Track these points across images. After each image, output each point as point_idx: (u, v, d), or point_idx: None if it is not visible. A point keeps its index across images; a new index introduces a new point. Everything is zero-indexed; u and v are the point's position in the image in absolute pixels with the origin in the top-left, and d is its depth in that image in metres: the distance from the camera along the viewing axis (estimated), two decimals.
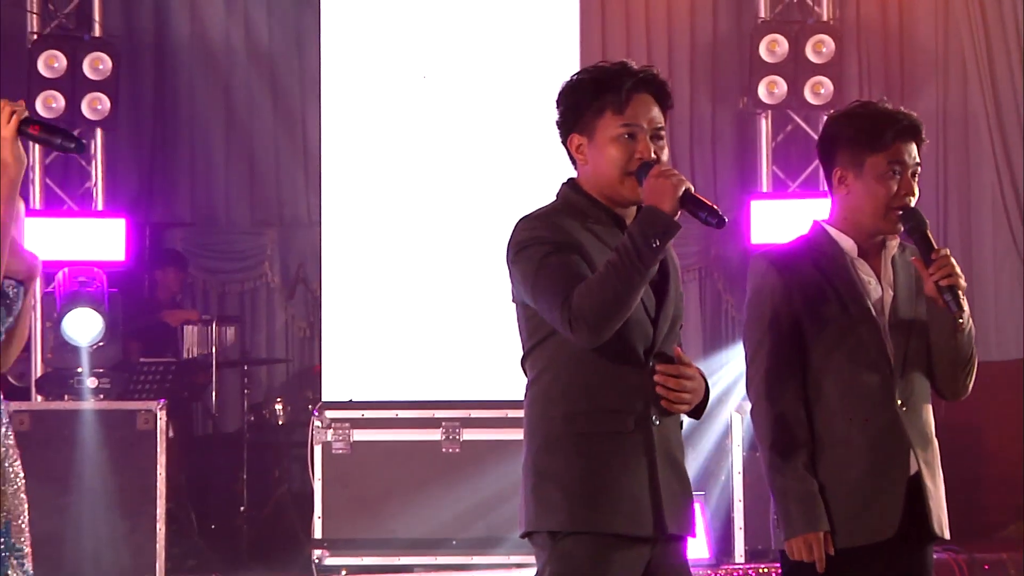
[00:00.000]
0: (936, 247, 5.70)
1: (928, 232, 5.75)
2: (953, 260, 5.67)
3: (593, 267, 5.21)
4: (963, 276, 5.70)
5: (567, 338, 5.21)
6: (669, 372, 5.27)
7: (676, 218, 5.15)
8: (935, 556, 6.04)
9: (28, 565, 4.59)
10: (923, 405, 5.91)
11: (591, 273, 5.18)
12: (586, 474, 5.30)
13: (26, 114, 4.51)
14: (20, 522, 4.59)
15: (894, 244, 5.91)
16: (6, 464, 4.60)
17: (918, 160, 5.83)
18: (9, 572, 4.51)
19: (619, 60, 5.43)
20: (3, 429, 4.60)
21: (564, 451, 5.33)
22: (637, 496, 5.31)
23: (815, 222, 5.97)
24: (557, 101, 5.43)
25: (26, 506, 4.64)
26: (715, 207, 5.15)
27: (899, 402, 5.83)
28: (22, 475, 4.63)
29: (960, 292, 5.66)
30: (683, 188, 5.15)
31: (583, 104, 5.36)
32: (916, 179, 5.83)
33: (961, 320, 5.75)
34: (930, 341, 5.88)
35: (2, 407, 4.64)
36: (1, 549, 4.53)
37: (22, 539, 4.58)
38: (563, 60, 10.68)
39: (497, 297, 5.59)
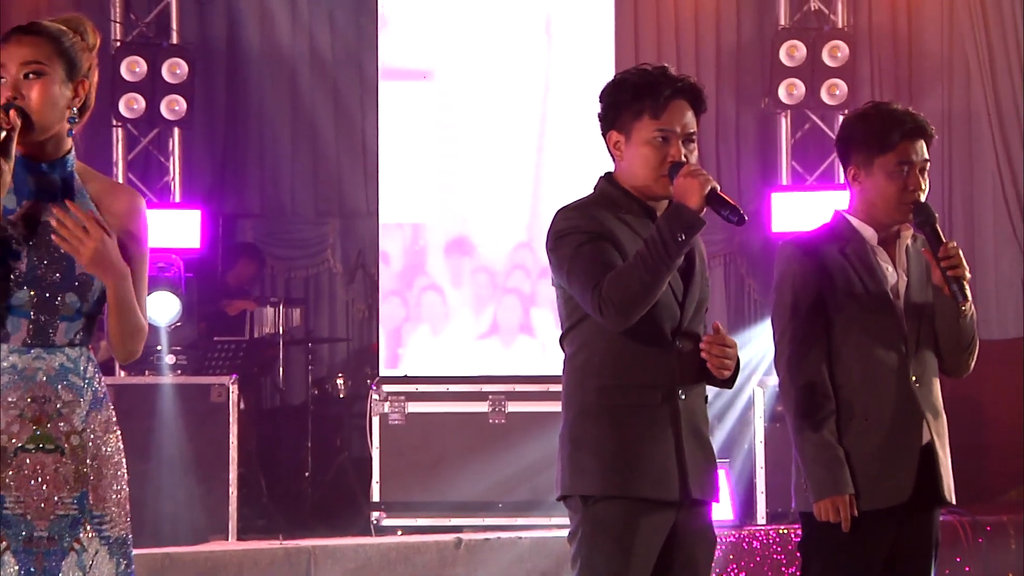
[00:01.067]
0: (944, 240, 5.73)
1: (937, 226, 5.79)
2: (960, 253, 5.71)
3: (625, 255, 5.22)
4: (968, 268, 5.73)
5: (598, 321, 5.22)
6: (715, 340, 5.29)
7: (702, 215, 5.15)
8: (941, 518, 6.04)
9: (113, 532, 4.52)
10: (933, 380, 5.94)
11: (622, 261, 5.19)
12: (617, 443, 5.31)
13: (14, 124, 4.40)
14: (105, 492, 4.52)
15: (908, 234, 5.97)
16: (90, 439, 4.53)
17: (926, 157, 5.87)
18: (81, 536, 4.45)
19: (660, 65, 5.41)
20: (88, 404, 4.54)
21: (597, 422, 5.34)
22: (664, 464, 5.31)
23: (837, 212, 6.03)
24: (600, 97, 5.42)
25: (120, 479, 4.56)
26: (737, 206, 5.17)
27: (913, 378, 5.87)
28: (111, 447, 4.56)
29: (965, 282, 5.70)
30: (709, 187, 5.15)
31: (623, 104, 5.35)
32: (925, 174, 5.85)
33: (964, 307, 5.77)
34: (937, 324, 5.88)
35: (91, 386, 4.57)
36: (76, 514, 4.46)
37: (104, 507, 4.50)
38: (600, 63, 10.62)
39: (537, 281, 5.55)
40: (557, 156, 10.77)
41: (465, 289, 11.02)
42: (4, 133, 4.37)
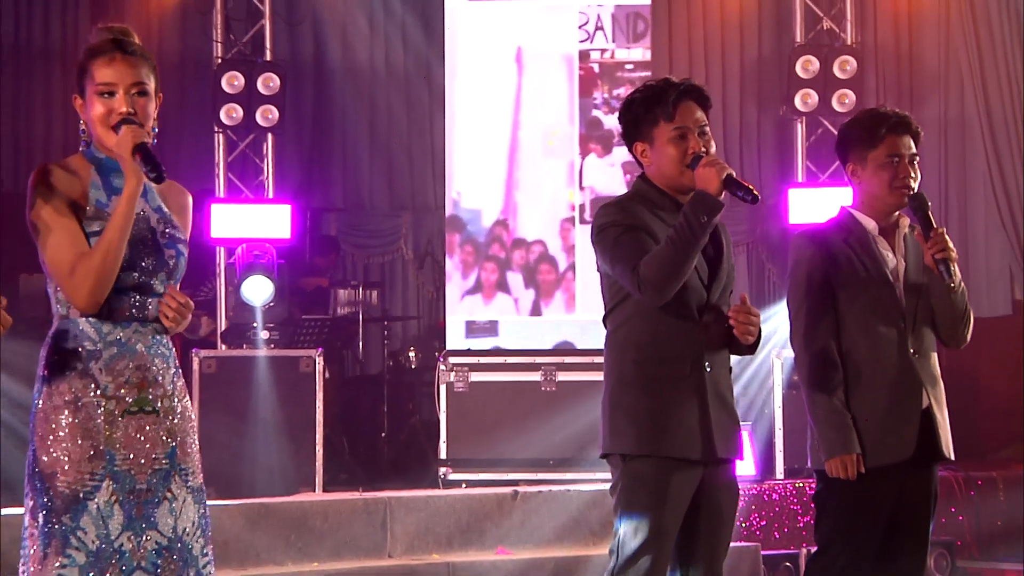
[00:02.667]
0: (935, 226, 5.74)
1: (929, 213, 5.80)
2: (947, 237, 5.72)
3: (658, 243, 5.24)
4: (955, 250, 5.74)
5: (638, 299, 5.25)
6: (741, 310, 5.30)
7: (721, 198, 5.17)
8: (941, 475, 6.04)
9: (196, 481, 4.54)
10: (931, 353, 5.93)
11: (655, 247, 5.20)
12: (651, 408, 5.32)
13: (141, 139, 4.44)
14: (188, 447, 4.53)
15: (905, 223, 5.97)
16: (176, 401, 4.54)
17: (914, 150, 5.94)
18: (172, 486, 4.46)
19: (663, 77, 5.49)
20: (173, 372, 4.55)
21: (634, 390, 5.35)
22: (692, 427, 5.32)
23: (842, 207, 6.06)
24: (619, 117, 5.52)
25: (195, 435, 4.57)
26: (751, 187, 5.19)
27: (912, 350, 5.86)
28: (187, 407, 4.56)
29: (952, 263, 5.71)
30: (725, 174, 5.18)
31: (639, 117, 5.40)
32: (916, 165, 5.93)
33: (952, 284, 5.78)
34: (932, 302, 5.87)
35: (172, 355, 4.58)
36: (167, 468, 4.47)
37: (189, 461, 4.52)
38: (638, 75, 10.62)
39: (583, 267, 5.55)
40: (598, 157, 10.80)
41: (520, 273, 11.01)
42: (144, 142, 4.43)
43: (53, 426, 4.38)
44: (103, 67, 4.50)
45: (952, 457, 5.93)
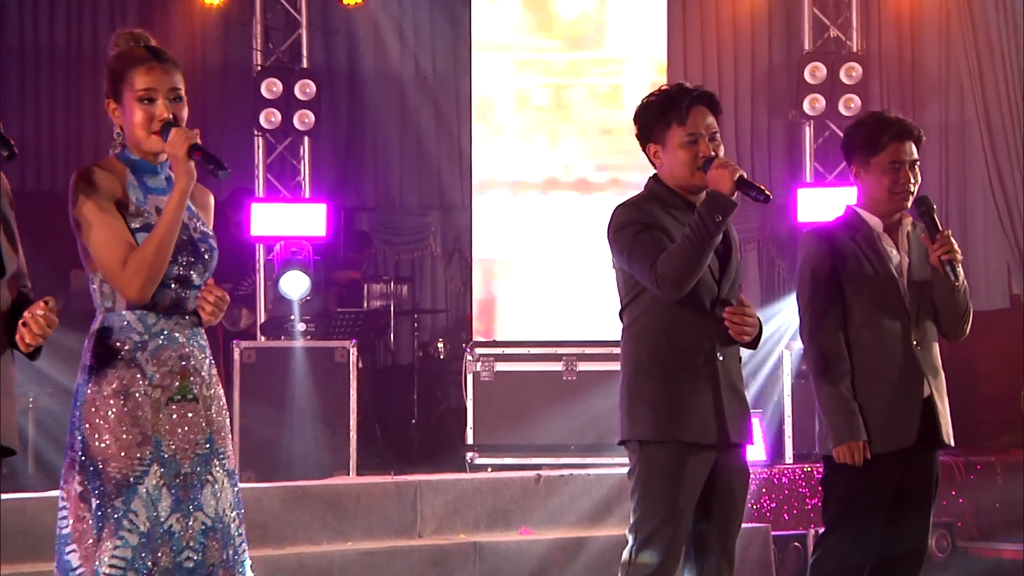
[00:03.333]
0: (940, 228, 5.76)
1: (935, 215, 5.81)
2: (952, 239, 5.73)
3: (672, 240, 5.24)
4: (960, 252, 5.74)
5: (654, 294, 5.26)
6: (736, 312, 5.31)
7: (734, 198, 5.18)
8: (940, 459, 6.03)
9: (230, 465, 4.55)
10: (933, 344, 5.93)
11: (670, 244, 5.22)
12: (666, 396, 5.33)
13: (195, 141, 4.45)
14: (223, 432, 4.54)
15: (908, 221, 5.98)
16: (213, 389, 4.55)
17: (915, 156, 5.95)
18: (213, 470, 4.47)
19: (676, 83, 5.50)
20: (209, 361, 4.55)
21: (651, 379, 5.36)
22: (706, 413, 5.33)
23: (848, 206, 6.06)
24: (634, 119, 5.51)
25: (228, 420, 4.58)
26: (762, 187, 5.20)
27: (915, 343, 5.86)
28: (223, 396, 4.57)
29: (957, 263, 5.71)
30: (737, 175, 5.19)
31: (654, 120, 5.41)
32: (916, 170, 5.94)
33: (957, 284, 5.77)
34: (935, 298, 5.87)
35: (208, 346, 4.59)
36: (208, 452, 4.48)
37: (225, 445, 4.53)
38: (654, 78, 10.60)
39: (602, 264, 5.56)
40: (617, 158, 10.77)
41: (543, 269, 11.01)
42: (198, 143, 4.45)
43: (102, 415, 4.38)
44: (142, 74, 4.51)
45: (952, 443, 5.94)
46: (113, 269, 4.41)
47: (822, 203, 10.70)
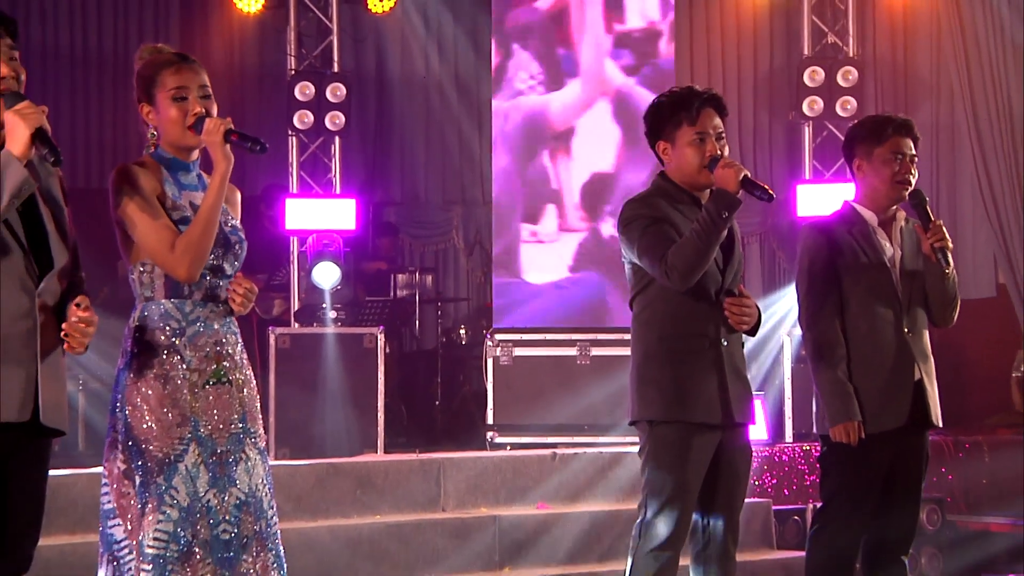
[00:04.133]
0: (933, 219, 5.77)
1: (927, 207, 5.82)
2: (944, 229, 5.75)
3: (679, 233, 5.25)
4: (950, 240, 5.77)
5: (662, 284, 5.27)
6: (735, 303, 5.33)
7: (738, 195, 5.19)
8: (930, 439, 6.04)
9: (261, 444, 4.56)
10: (923, 331, 5.93)
11: (678, 238, 5.23)
12: (674, 380, 5.34)
13: (229, 125, 4.46)
14: (254, 413, 4.55)
15: (901, 216, 6.01)
16: (245, 373, 4.56)
17: (914, 152, 5.96)
18: (246, 448, 4.48)
19: (687, 85, 5.52)
20: (240, 347, 4.56)
21: (659, 363, 5.37)
22: (711, 395, 5.33)
23: (845, 202, 6.08)
24: (644, 118, 5.53)
25: (259, 402, 4.58)
26: (766, 187, 5.21)
27: (906, 330, 5.86)
28: (252, 377, 4.57)
29: (948, 251, 5.75)
30: (742, 174, 5.20)
31: (664, 119, 5.43)
32: (914, 164, 5.95)
33: (948, 271, 5.79)
34: (926, 286, 5.87)
35: (236, 329, 4.59)
36: (241, 431, 4.48)
37: (256, 425, 4.54)
38: (663, 81, 10.59)
39: (614, 255, 5.55)
40: (628, 158, 10.77)
41: (558, 260, 11.00)
42: (233, 128, 4.47)
43: (144, 397, 4.39)
44: (172, 74, 4.52)
45: (940, 424, 5.94)
46: (162, 253, 4.41)
47: (820, 199, 10.69)
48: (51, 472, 4.43)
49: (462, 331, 12.35)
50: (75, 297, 4.30)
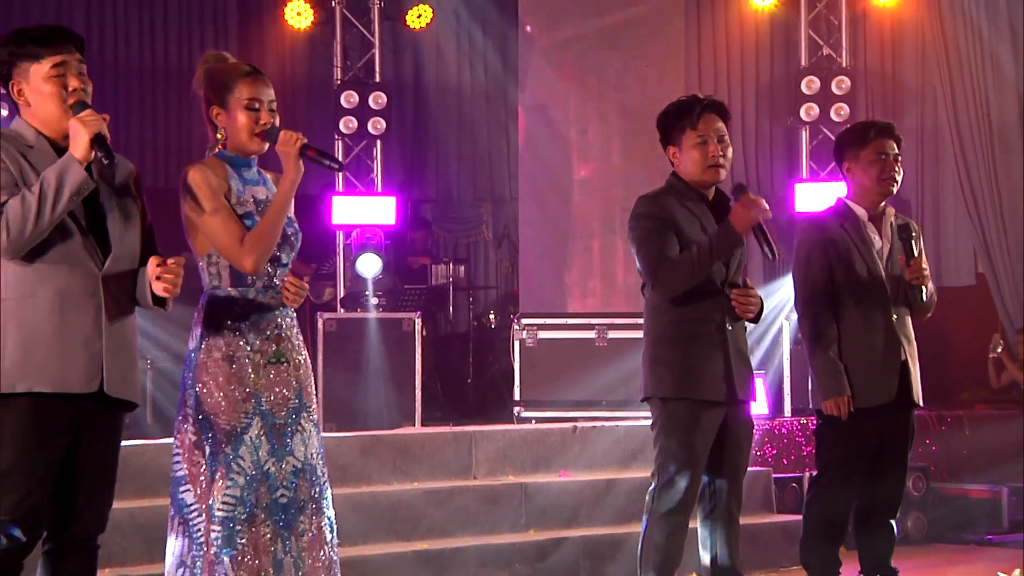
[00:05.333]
0: (915, 255, 5.81)
1: (913, 242, 5.84)
2: (923, 265, 5.80)
3: (682, 232, 5.31)
4: (929, 275, 5.84)
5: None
6: (741, 294, 5.36)
7: (743, 238, 5.29)
8: (917, 414, 6.09)
9: (315, 417, 4.58)
10: (907, 317, 5.95)
11: (678, 243, 5.28)
12: (684, 360, 5.37)
13: (305, 141, 4.48)
14: (309, 389, 4.57)
15: (891, 213, 6.05)
16: (300, 354, 4.58)
17: (897, 152, 5.99)
18: (302, 421, 4.51)
19: (691, 94, 5.56)
20: (296, 330, 4.58)
21: (670, 345, 5.40)
22: (717, 375, 5.37)
23: (839, 199, 6.11)
24: (656, 126, 5.54)
25: (312, 380, 4.60)
26: (772, 244, 5.25)
27: (893, 315, 5.88)
28: (306, 357, 4.59)
29: (925, 284, 5.80)
30: (756, 223, 5.25)
31: (671, 125, 5.47)
32: (898, 163, 5.99)
33: (924, 298, 5.86)
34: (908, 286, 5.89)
35: (293, 314, 4.60)
36: (297, 406, 4.51)
37: (310, 400, 4.56)
38: (675, 88, 10.60)
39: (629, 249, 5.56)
40: (645, 158, 10.75)
41: (579, 253, 11.03)
42: (308, 144, 4.49)
43: (213, 376, 4.43)
44: (248, 85, 4.54)
45: (921, 403, 5.98)
46: (231, 246, 4.44)
47: (816, 196, 10.67)
48: (123, 443, 4.46)
49: (491, 316, 12.35)
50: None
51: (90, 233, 4.26)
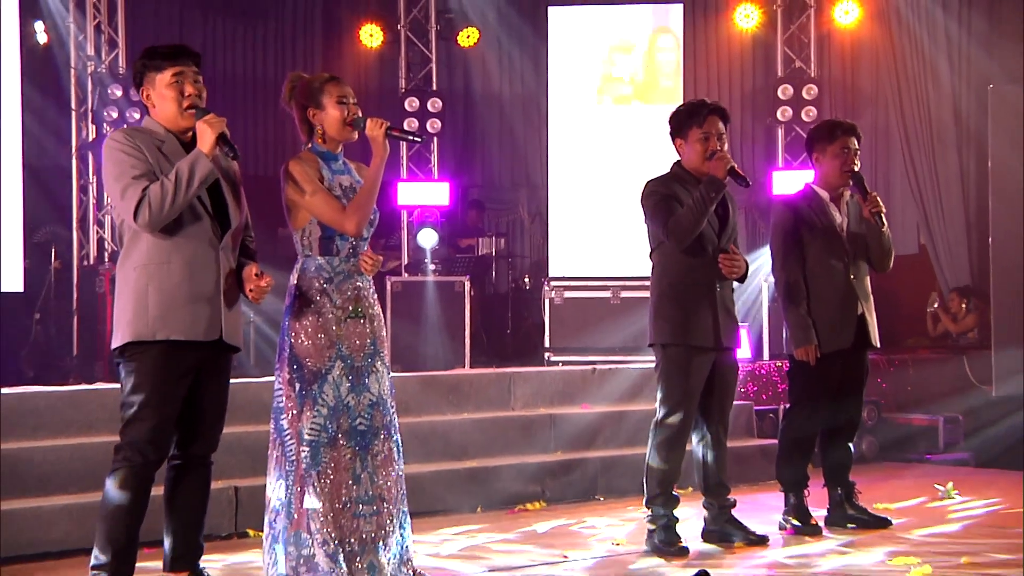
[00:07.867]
0: (869, 192, 5.80)
1: (865, 184, 5.84)
2: (879, 199, 5.79)
3: (682, 205, 5.31)
4: (884, 206, 5.80)
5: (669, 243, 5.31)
6: (727, 257, 5.36)
7: (724, 181, 5.25)
8: (870, 357, 6.01)
9: (386, 360, 4.59)
10: (865, 278, 5.94)
11: (680, 209, 5.28)
12: (681, 313, 5.39)
13: (388, 124, 4.49)
14: (382, 338, 4.57)
15: (847, 194, 6.01)
16: (375, 310, 4.58)
17: (857, 147, 5.95)
18: (376, 363, 4.52)
19: (700, 99, 5.56)
20: (372, 291, 4.58)
21: (670, 301, 5.42)
22: (707, 326, 5.38)
23: (806, 184, 6.11)
24: (668, 122, 5.53)
25: (384, 331, 4.60)
26: (745, 176, 5.24)
27: (852, 276, 5.88)
28: (379, 312, 4.59)
29: (882, 215, 5.77)
30: (729, 166, 5.24)
31: (681, 123, 5.46)
32: (857, 156, 5.95)
33: (883, 229, 5.80)
34: (868, 241, 5.86)
35: (369, 279, 4.60)
36: (372, 352, 4.52)
37: (382, 347, 4.57)
38: (675, 93, 10.54)
39: (640, 223, 5.55)
40: (656, 150, 10.71)
41: (599, 227, 10.99)
42: (391, 125, 4.51)
43: (303, 327, 4.44)
44: (335, 86, 4.56)
45: (878, 345, 5.97)
46: (335, 215, 4.43)
47: (789, 182, 10.61)
48: (231, 380, 4.50)
49: (526, 279, 12.36)
50: (247, 254, 4.46)
51: (211, 213, 4.32)
